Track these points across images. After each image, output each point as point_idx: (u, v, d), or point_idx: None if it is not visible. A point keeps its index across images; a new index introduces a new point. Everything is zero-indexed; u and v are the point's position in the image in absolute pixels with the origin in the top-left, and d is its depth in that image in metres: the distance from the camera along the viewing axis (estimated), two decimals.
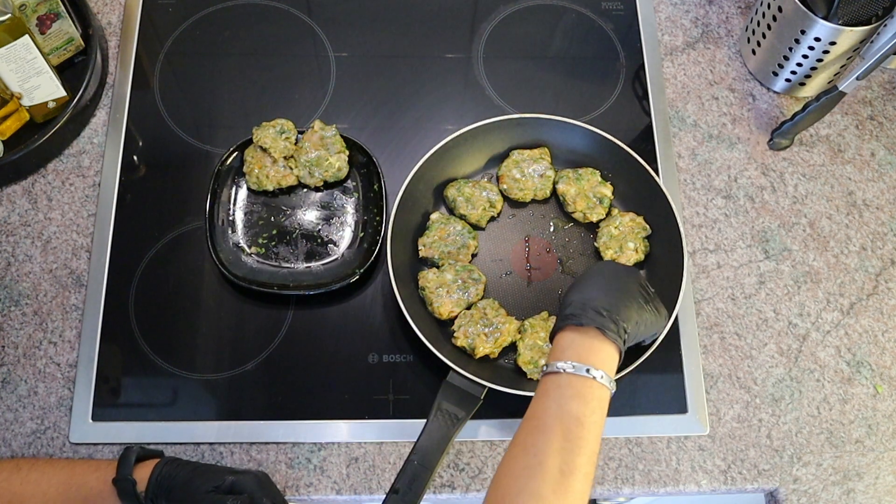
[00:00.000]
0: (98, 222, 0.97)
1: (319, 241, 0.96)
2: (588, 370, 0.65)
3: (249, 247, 0.95)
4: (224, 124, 1.04)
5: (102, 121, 1.03)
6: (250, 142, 0.98)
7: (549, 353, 0.70)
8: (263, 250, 0.95)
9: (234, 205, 0.97)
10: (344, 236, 0.96)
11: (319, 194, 0.99)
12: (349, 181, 0.99)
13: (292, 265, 0.95)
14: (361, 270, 0.91)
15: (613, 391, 0.66)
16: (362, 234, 0.96)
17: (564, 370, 0.65)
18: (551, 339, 0.71)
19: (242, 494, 0.73)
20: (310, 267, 0.94)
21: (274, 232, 0.96)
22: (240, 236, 0.96)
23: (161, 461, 0.76)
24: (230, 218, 0.96)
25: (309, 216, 0.97)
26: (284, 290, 0.91)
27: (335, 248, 0.96)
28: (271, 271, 0.94)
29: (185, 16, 1.11)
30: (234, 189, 0.98)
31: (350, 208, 0.98)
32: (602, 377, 0.65)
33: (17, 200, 0.98)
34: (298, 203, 0.98)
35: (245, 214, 0.97)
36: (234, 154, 0.98)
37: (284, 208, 0.98)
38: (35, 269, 0.95)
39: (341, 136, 0.98)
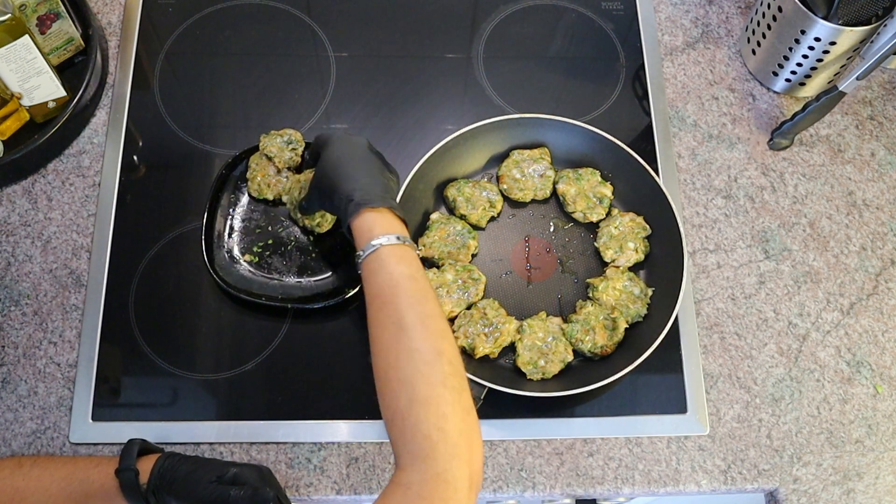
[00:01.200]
0: (98, 222, 0.97)
1: (313, 255, 0.96)
2: (398, 237, 0.73)
3: (243, 254, 0.95)
4: (224, 124, 1.04)
5: (102, 121, 1.03)
6: (256, 148, 0.98)
7: (354, 240, 0.75)
8: (257, 259, 0.95)
9: (234, 210, 0.97)
10: (338, 254, 0.96)
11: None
12: None
13: (284, 278, 0.94)
14: (352, 291, 0.91)
15: (417, 250, 0.74)
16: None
17: (381, 245, 0.72)
18: (349, 229, 0.77)
19: (245, 485, 0.73)
20: (300, 282, 0.94)
21: (269, 242, 0.96)
22: (235, 243, 0.95)
23: (163, 455, 0.76)
24: (228, 223, 0.96)
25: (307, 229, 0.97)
26: (273, 302, 0.91)
27: (328, 265, 0.95)
28: (262, 282, 0.93)
29: (185, 16, 1.11)
30: (235, 195, 0.97)
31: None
32: (410, 241, 0.74)
33: (17, 200, 0.98)
34: None
35: (243, 221, 0.97)
36: (240, 159, 0.98)
37: (283, 219, 0.97)
38: (35, 269, 0.95)
39: None
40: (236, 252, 0.95)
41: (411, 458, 0.62)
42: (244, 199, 0.98)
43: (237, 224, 0.96)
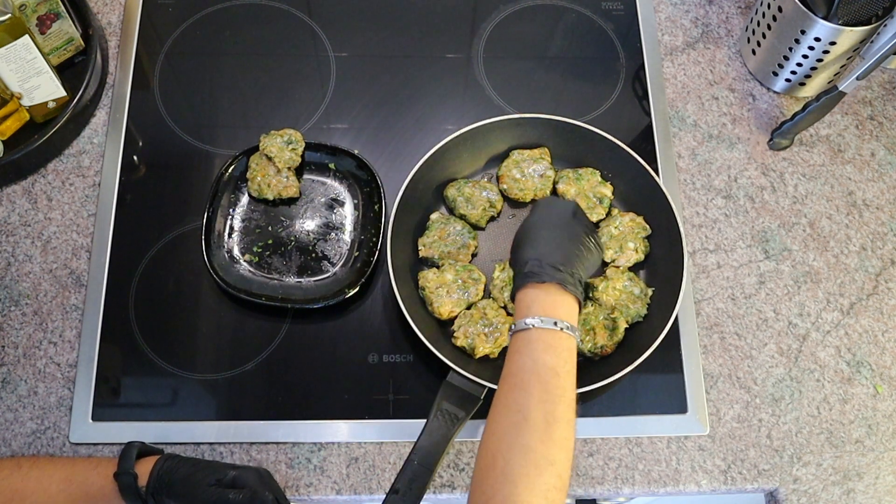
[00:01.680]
0: (98, 222, 0.97)
1: (313, 256, 0.95)
2: (555, 323, 0.68)
3: (243, 254, 0.95)
4: (224, 124, 1.04)
5: (102, 121, 1.03)
6: (256, 148, 0.98)
7: (514, 311, 0.72)
8: (257, 259, 0.95)
9: (234, 210, 0.97)
10: (338, 254, 0.96)
11: (320, 208, 0.98)
12: (351, 199, 0.98)
13: (284, 278, 0.94)
14: (352, 292, 0.91)
15: (579, 340, 0.70)
16: (357, 254, 0.95)
17: (534, 325, 0.68)
18: (513, 297, 0.73)
19: (245, 489, 0.73)
20: (300, 282, 0.94)
21: (269, 242, 0.96)
22: (235, 243, 0.95)
23: (162, 457, 0.76)
24: (228, 223, 0.96)
25: (306, 230, 0.97)
26: (273, 303, 0.91)
27: (328, 264, 0.95)
28: (261, 282, 0.93)
29: (185, 16, 1.11)
30: (235, 195, 0.97)
31: (348, 226, 0.97)
32: (569, 328, 0.69)
33: (17, 200, 0.98)
34: (297, 215, 0.97)
35: (243, 221, 0.97)
36: (240, 159, 0.98)
37: (283, 219, 0.97)
38: (35, 269, 0.95)
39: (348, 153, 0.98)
40: (236, 252, 0.95)
41: None
42: (244, 199, 0.98)
43: (237, 224, 0.96)
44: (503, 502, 0.61)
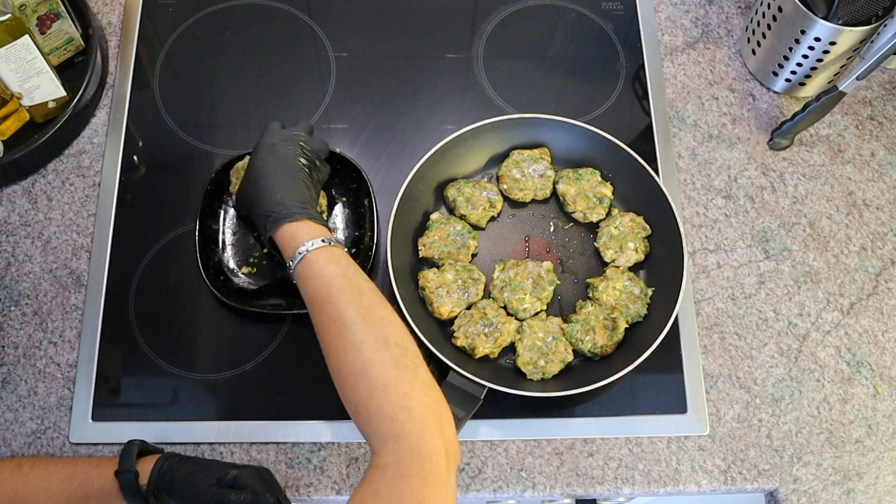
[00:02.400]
0: (98, 222, 0.97)
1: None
2: (323, 240, 0.75)
3: (240, 267, 0.94)
4: (224, 124, 1.04)
5: (102, 121, 1.03)
6: (238, 159, 0.96)
7: (282, 251, 0.77)
8: (255, 270, 0.94)
9: (224, 224, 0.96)
10: None
11: None
12: (341, 197, 0.98)
13: (285, 285, 0.93)
14: None
15: (345, 249, 0.77)
16: (353, 251, 0.95)
17: (308, 250, 0.74)
18: (270, 242, 0.79)
19: (245, 489, 0.73)
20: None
21: (265, 251, 0.95)
22: (230, 256, 0.94)
23: (163, 456, 0.76)
24: (220, 238, 0.95)
25: None
26: (278, 311, 0.90)
27: None
28: (263, 292, 0.93)
29: (185, 16, 1.11)
30: (223, 208, 0.96)
31: (340, 224, 0.97)
32: (335, 241, 0.76)
33: (17, 200, 0.98)
34: None
35: (234, 234, 0.96)
36: (224, 173, 0.96)
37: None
38: (35, 269, 0.95)
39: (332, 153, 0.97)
40: (233, 265, 0.94)
41: (383, 441, 0.64)
42: (231, 212, 0.97)
43: (228, 238, 0.96)
44: (368, 395, 0.65)
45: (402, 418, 0.64)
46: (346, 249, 0.77)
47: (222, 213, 0.96)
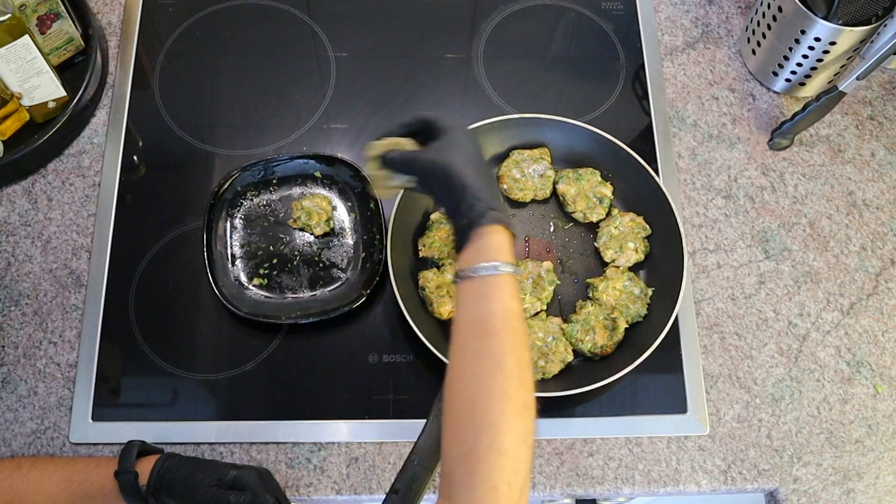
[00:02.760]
0: (98, 222, 0.97)
1: (321, 265, 0.95)
2: (514, 269, 0.67)
3: (251, 279, 0.94)
4: (224, 124, 1.04)
5: (102, 121, 1.03)
6: (239, 172, 0.96)
7: (472, 252, 0.68)
8: (266, 281, 0.94)
9: (231, 237, 0.96)
10: (346, 259, 0.95)
11: None
12: (344, 202, 0.98)
13: (298, 294, 0.93)
14: (367, 291, 0.90)
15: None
16: (364, 255, 0.95)
17: (506, 272, 0.67)
18: (465, 230, 0.69)
19: (245, 490, 0.73)
20: (315, 294, 0.93)
21: (275, 261, 0.95)
22: (240, 269, 0.94)
23: (162, 456, 0.76)
24: (229, 251, 0.95)
25: (308, 241, 0.96)
26: (291, 320, 0.89)
27: (339, 271, 0.95)
28: (276, 303, 0.92)
29: (185, 16, 1.11)
30: (228, 222, 0.96)
31: (348, 230, 0.97)
32: (518, 270, 0.69)
33: (17, 200, 0.98)
34: (296, 229, 0.97)
35: (242, 246, 0.96)
36: (226, 186, 0.96)
37: (282, 236, 0.96)
38: (35, 269, 0.95)
39: (332, 157, 0.98)
40: (244, 278, 0.94)
41: (469, 498, 0.60)
42: (239, 224, 0.96)
43: (237, 251, 0.95)
44: (487, 450, 0.60)
45: (502, 492, 0.59)
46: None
47: (228, 226, 0.96)
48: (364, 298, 0.90)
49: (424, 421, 0.81)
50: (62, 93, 0.98)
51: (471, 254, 0.68)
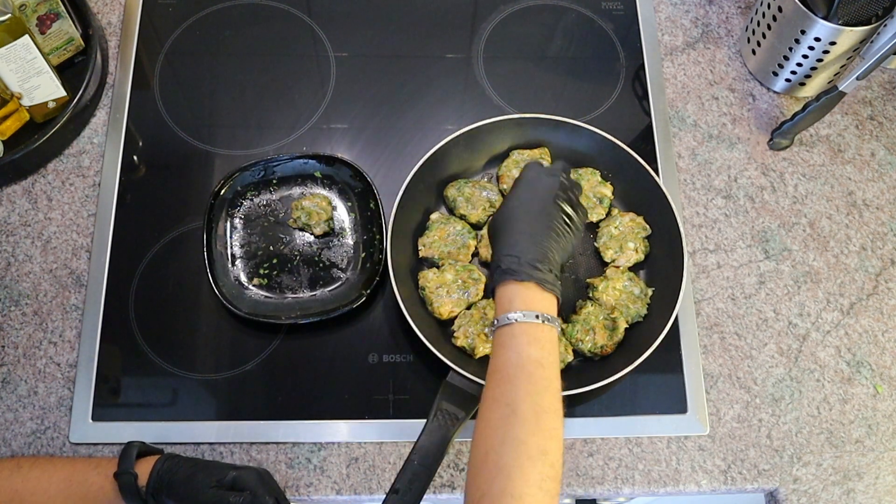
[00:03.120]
0: (98, 222, 0.97)
1: (322, 265, 0.95)
2: (537, 316, 0.69)
3: (251, 279, 0.94)
4: (224, 124, 1.04)
5: (102, 121, 1.03)
6: (239, 172, 0.96)
7: (495, 306, 0.73)
8: (266, 281, 0.94)
9: (231, 237, 0.96)
10: (346, 259, 0.95)
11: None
12: (343, 202, 0.98)
13: (298, 294, 0.93)
14: (367, 291, 0.90)
15: (559, 330, 0.71)
16: (364, 255, 0.95)
17: (517, 320, 0.69)
18: (492, 293, 0.74)
19: (245, 491, 0.73)
20: (315, 294, 0.93)
21: (275, 261, 0.95)
22: (240, 269, 0.94)
23: (162, 457, 0.76)
24: (229, 251, 0.95)
25: (307, 241, 0.96)
26: (291, 320, 0.89)
27: (339, 271, 0.94)
28: (276, 303, 0.92)
29: (185, 16, 1.11)
30: (227, 222, 0.96)
31: (348, 229, 0.97)
32: (550, 319, 0.70)
33: (17, 200, 0.98)
34: (295, 229, 0.97)
35: (242, 246, 0.95)
36: (226, 186, 0.96)
37: (282, 236, 0.96)
38: (35, 269, 0.95)
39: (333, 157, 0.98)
40: (243, 278, 0.94)
41: None
42: (239, 224, 0.96)
43: (238, 250, 0.95)
44: (499, 495, 0.61)
45: None
46: (557, 332, 0.71)
47: (228, 226, 0.96)
48: (364, 298, 0.90)
49: (424, 421, 0.81)
50: (62, 93, 0.98)
51: (496, 310, 0.72)
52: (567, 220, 0.77)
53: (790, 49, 1.00)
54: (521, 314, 0.69)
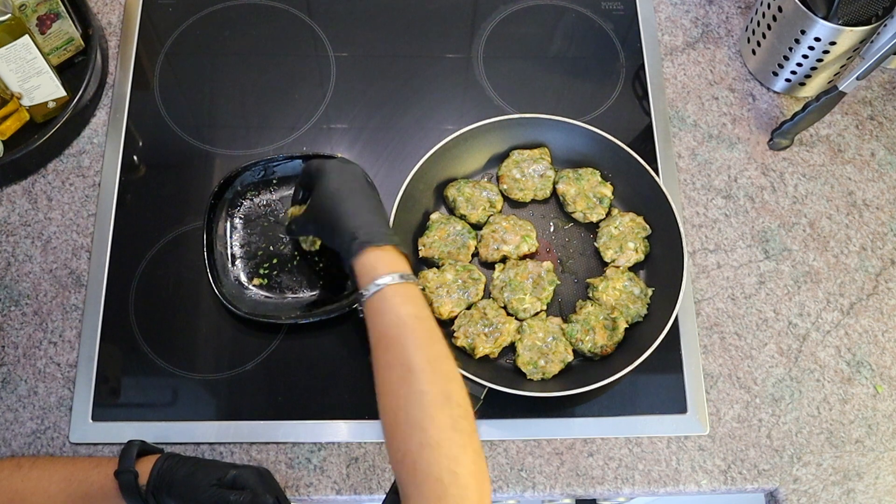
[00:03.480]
0: (98, 222, 0.97)
1: (322, 264, 0.95)
2: (401, 276, 0.71)
3: (251, 279, 0.94)
4: (224, 124, 1.04)
5: (102, 121, 1.03)
6: (239, 172, 0.96)
7: (358, 278, 0.74)
8: (266, 281, 0.94)
9: (231, 237, 0.96)
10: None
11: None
12: None
13: (298, 294, 0.93)
14: None
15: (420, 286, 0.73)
16: None
17: (387, 283, 0.71)
18: (349, 264, 0.75)
19: (245, 490, 0.73)
20: (315, 294, 0.93)
21: (275, 261, 0.95)
22: (240, 269, 0.94)
23: (162, 456, 0.76)
24: (229, 251, 0.95)
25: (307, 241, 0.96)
26: (291, 320, 0.89)
27: (338, 270, 0.94)
28: (275, 303, 0.92)
29: (185, 16, 1.11)
30: (228, 222, 0.96)
31: None
32: (412, 277, 0.72)
33: (17, 200, 0.98)
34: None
35: (242, 246, 0.95)
36: (226, 186, 0.96)
37: (282, 236, 0.96)
38: (35, 269, 0.95)
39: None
40: (244, 279, 0.94)
41: (423, 499, 0.62)
42: (239, 224, 0.96)
43: (238, 250, 0.95)
44: (419, 449, 0.63)
45: (447, 482, 0.61)
46: (420, 287, 0.74)
47: (228, 226, 0.96)
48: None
49: None
50: (62, 93, 0.98)
51: (359, 283, 0.73)
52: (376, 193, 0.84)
53: (790, 49, 1.00)
54: (388, 277, 0.71)
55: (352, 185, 0.80)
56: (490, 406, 0.85)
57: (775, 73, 1.06)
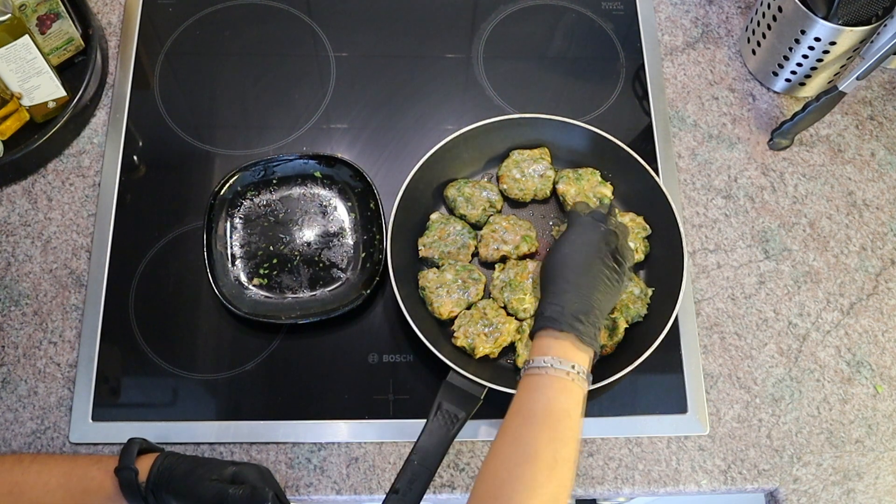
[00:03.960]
0: (98, 222, 0.97)
1: (322, 265, 0.95)
2: (573, 367, 0.70)
3: (251, 279, 0.94)
4: (224, 124, 1.04)
5: (102, 121, 1.03)
6: (239, 172, 0.96)
7: (531, 350, 0.74)
8: (266, 281, 0.94)
9: (231, 237, 0.96)
10: (346, 259, 0.95)
11: (315, 218, 0.97)
12: (343, 202, 0.98)
13: (298, 294, 0.93)
14: (367, 292, 0.90)
15: (589, 386, 0.71)
16: (364, 255, 0.95)
17: (552, 366, 0.69)
18: (532, 335, 0.75)
19: (244, 485, 0.73)
20: (315, 294, 0.93)
21: (275, 261, 0.95)
22: (240, 269, 0.94)
23: (162, 454, 0.76)
24: (229, 251, 0.95)
25: (307, 241, 0.96)
26: (291, 320, 0.90)
27: (339, 271, 0.95)
28: (275, 303, 0.92)
29: (185, 16, 1.11)
30: (228, 222, 0.96)
31: (348, 230, 0.97)
32: (582, 373, 0.70)
33: (17, 200, 0.98)
34: (295, 230, 0.97)
35: (242, 246, 0.96)
36: (226, 186, 0.96)
37: (282, 236, 0.96)
38: (35, 269, 0.95)
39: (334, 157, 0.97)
40: (243, 278, 0.94)
41: None
42: (239, 224, 0.96)
43: (238, 250, 0.95)
44: None
45: None
46: (586, 390, 0.71)
47: (228, 226, 0.96)
48: (364, 298, 0.90)
49: (424, 421, 0.81)
50: (62, 93, 0.98)
51: (532, 350, 0.73)
52: (614, 274, 0.77)
53: (790, 49, 1.00)
54: (556, 360, 0.70)
55: (579, 253, 0.77)
56: (490, 406, 0.84)
57: (775, 73, 1.06)
